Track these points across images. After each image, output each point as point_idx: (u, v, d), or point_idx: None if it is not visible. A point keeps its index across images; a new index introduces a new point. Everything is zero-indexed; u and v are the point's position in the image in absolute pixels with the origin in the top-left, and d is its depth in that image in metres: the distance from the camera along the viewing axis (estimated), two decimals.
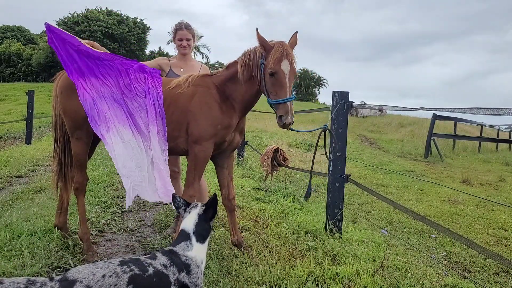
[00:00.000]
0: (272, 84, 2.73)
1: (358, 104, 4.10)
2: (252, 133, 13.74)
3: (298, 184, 6.96)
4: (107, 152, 2.86)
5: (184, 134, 3.00)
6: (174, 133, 2.99)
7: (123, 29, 41.45)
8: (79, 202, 3.21)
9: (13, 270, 2.70)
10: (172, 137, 3.00)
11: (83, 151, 3.14)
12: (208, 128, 2.92)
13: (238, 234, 3.32)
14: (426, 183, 8.02)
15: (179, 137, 3.01)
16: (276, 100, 2.70)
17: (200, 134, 2.92)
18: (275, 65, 2.68)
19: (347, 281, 2.81)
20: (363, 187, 3.74)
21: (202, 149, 2.94)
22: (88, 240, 3.17)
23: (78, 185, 3.20)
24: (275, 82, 2.72)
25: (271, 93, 2.75)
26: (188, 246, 1.91)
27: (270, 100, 2.77)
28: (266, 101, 2.85)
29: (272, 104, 2.75)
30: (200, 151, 2.94)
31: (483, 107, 2.67)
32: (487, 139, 15.50)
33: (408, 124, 21.45)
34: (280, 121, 2.70)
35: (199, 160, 2.96)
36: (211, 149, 2.99)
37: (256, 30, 2.80)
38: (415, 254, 3.93)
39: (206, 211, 2.04)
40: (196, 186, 3.03)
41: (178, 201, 2.10)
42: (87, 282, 1.53)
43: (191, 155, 2.99)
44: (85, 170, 3.22)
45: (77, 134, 3.08)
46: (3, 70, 42.40)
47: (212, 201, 2.05)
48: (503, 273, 3.80)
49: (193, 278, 1.83)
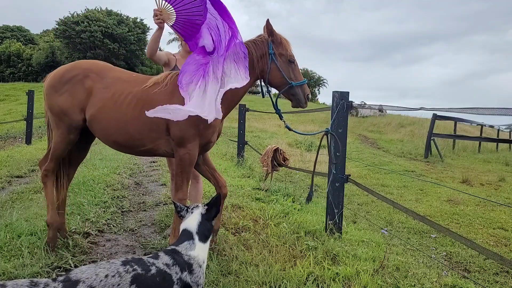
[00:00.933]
0: (292, 70, 2.98)
1: (358, 104, 4.10)
2: (252, 133, 13.75)
3: (298, 184, 6.97)
4: (107, 152, 2.86)
5: (164, 136, 2.92)
6: (152, 134, 2.91)
7: (123, 29, 41.46)
8: (48, 189, 3.18)
9: (13, 270, 2.70)
10: (151, 138, 2.93)
11: (64, 147, 3.14)
12: (189, 129, 2.83)
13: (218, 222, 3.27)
14: (426, 183, 8.02)
15: (159, 139, 2.93)
16: (301, 82, 2.98)
17: (183, 135, 2.84)
18: (292, 53, 2.98)
19: (347, 281, 2.81)
20: (363, 187, 3.74)
21: (186, 151, 2.87)
22: (55, 228, 3.14)
23: (47, 172, 3.18)
24: (294, 68, 2.99)
25: (291, 78, 2.97)
26: (191, 245, 1.92)
27: (295, 83, 2.96)
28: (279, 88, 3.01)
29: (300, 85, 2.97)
30: (185, 153, 2.88)
31: (483, 107, 2.67)
32: (487, 139, 15.49)
33: (408, 124, 21.46)
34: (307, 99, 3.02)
35: (185, 163, 2.90)
36: (196, 150, 2.93)
37: (267, 21, 2.93)
38: (415, 254, 3.93)
39: (209, 210, 2.06)
40: (185, 189, 3.00)
41: (178, 205, 2.13)
42: (90, 282, 1.54)
43: (177, 159, 2.92)
44: (59, 161, 3.22)
45: (61, 131, 3.09)
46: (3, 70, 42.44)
47: (215, 200, 2.07)
48: (503, 273, 3.81)
49: (195, 277, 1.84)
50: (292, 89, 2.97)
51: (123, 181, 5.94)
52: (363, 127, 21.30)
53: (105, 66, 3.17)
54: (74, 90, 3.02)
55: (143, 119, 2.86)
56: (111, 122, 2.93)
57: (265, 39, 2.97)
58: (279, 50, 2.94)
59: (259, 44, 2.96)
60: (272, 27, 2.93)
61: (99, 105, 2.96)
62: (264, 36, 3.00)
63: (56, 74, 3.12)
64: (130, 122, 2.90)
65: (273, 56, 2.93)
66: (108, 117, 2.93)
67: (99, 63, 3.19)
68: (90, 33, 39.78)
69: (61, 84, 3.05)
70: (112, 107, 2.93)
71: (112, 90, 2.97)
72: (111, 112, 2.92)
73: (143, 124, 2.89)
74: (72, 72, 3.06)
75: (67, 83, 3.03)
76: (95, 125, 3.00)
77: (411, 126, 20.42)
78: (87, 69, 3.06)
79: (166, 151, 2.99)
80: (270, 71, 2.95)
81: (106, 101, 2.95)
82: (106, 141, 3.06)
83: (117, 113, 2.91)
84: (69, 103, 3.01)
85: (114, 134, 2.96)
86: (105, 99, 2.95)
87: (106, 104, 2.94)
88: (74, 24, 39.94)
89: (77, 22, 40.11)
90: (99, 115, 2.96)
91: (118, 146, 3.08)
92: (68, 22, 40.13)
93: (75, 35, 39.91)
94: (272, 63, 2.94)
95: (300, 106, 3.03)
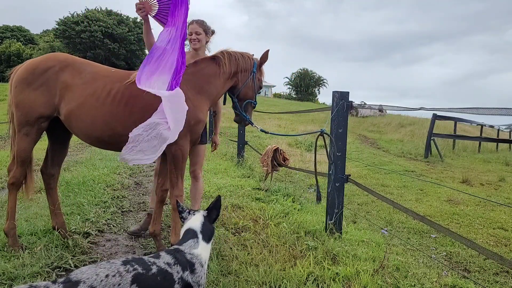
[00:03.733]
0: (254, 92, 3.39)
1: (358, 104, 4.09)
2: (252, 133, 13.73)
3: (298, 184, 6.97)
4: (107, 152, 2.86)
5: None
6: None
7: (123, 29, 41.48)
8: (11, 197, 3.06)
9: (13, 270, 2.70)
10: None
11: (29, 148, 3.03)
12: None
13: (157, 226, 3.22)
14: (426, 183, 8.02)
15: None
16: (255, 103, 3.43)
17: None
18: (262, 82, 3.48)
19: (347, 281, 2.81)
20: (363, 187, 3.74)
21: (178, 148, 2.91)
22: (14, 235, 3.08)
23: (15, 179, 3.05)
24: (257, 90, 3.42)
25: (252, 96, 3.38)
26: (195, 244, 1.93)
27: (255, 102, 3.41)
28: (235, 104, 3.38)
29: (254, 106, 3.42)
30: (176, 150, 2.91)
31: (483, 107, 2.67)
32: (487, 139, 15.49)
33: (408, 124, 21.46)
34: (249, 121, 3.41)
35: (177, 159, 2.94)
36: (187, 146, 2.99)
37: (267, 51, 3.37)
38: (415, 254, 3.93)
39: (210, 213, 2.09)
40: (180, 186, 3.01)
41: (181, 205, 2.15)
42: (91, 282, 1.53)
43: (169, 156, 2.95)
44: (25, 166, 3.08)
45: (26, 130, 2.96)
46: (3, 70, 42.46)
47: (215, 203, 2.10)
48: (503, 273, 3.81)
49: (197, 277, 1.84)
50: (250, 107, 3.40)
51: (123, 181, 5.94)
52: (363, 127, 21.31)
53: (82, 60, 3.09)
54: (49, 83, 2.88)
55: (129, 115, 2.84)
56: (95, 119, 2.85)
57: (253, 59, 3.33)
58: (258, 73, 3.39)
59: (247, 59, 3.28)
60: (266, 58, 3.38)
61: (79, 101, 2.85)
62: (252, 56, 3.35)
63: (29, 65, 2.94)
64: (115, 118, 2.85)
65: (254, 75, 3.31)
66: (91, 114, 2.84)
67: (75, 57, 3.10)
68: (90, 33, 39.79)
69: (34, 76, 2.87)
70: (95, 103, 2.85)
71: (93, 85, 2.88)
72: (94, 109, 2.84)
73: (129, 120, 2.83)
74: (48, 64, 2.91)
75: (42, 75, 2.87)
76: (75, 122, 2.89)
77: (411, 126, 20.42)
78: (64, 62, 2.94)
79: None
80: (246, 85, 3.30)
81: (88, 97, 2.85)
82: (87, 138, 2.96)
83: (101, 109, 2.84)
84: (42, 98, 2.87)
85: (97, 131, 2.88)
86: (86, 95, 2.85)
87: (88, 101, 2.85)
88: (74, 24, 39.97)
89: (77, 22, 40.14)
90: (79, 112, 2.85)
91: (101, 143, 3.01)
92: (68, 22, 40.15)
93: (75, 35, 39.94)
94: (251, 80, 3.31)
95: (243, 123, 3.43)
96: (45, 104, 2.89)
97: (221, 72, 3.13)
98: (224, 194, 5.16)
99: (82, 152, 8.61)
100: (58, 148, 3.36)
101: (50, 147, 3.35)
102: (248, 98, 3.33)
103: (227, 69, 3.14)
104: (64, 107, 2.88)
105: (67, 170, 6.35)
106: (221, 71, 3.12)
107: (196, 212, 2.11)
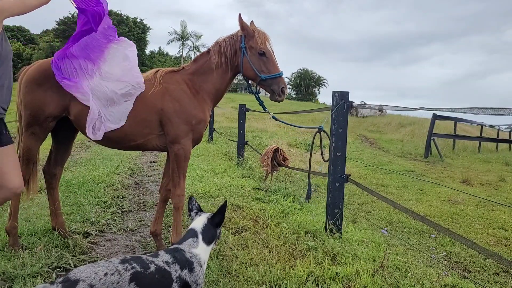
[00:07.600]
0: (263, 63, 2.97)
1: (358, 104, 4.10)
2: (252, 133, 13.74)
3: (298, 184, 6.97)
4: (107, 152, 2.86)
5: (156, 131, 2.98)
6: (145, 130, 2.95)
7: (123, 29, 41.50)
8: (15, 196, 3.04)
9: (13, 270, 2.70)
10: (143, 134, 2.96)
11: (35, 147, 3.05)
12: (184, 126, 2.93)
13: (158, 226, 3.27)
14: (426, 183, 8.02)
15: (150, 134, 2.98)
16: (273, 74, 2.94)
17: (177, 133, 2.94)
18: (265, 45, 2.95)
19: (347, 281, 2.81)
20: (363, 187, 3.74)
21: (181, 147, 2.95)
22: (15, 234, 3.09)
23: None
24: (266, 60, 2.96)
25: (262, 71, 2.96)
26: (194, 243, 1.94)
27: (265, 76, 2.94)
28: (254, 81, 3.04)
29: (269, 78, 2.94)
30: (179, 149, 2.95)
31: (483, 107, 2.67)
32: (487, 139, 15.50)
33: (408, 124, 21.46)
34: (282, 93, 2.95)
35: (180, 158, 2.97)
36: (190, 145, 3.02)
37: (239, 16, 3.00)
38: (415, 254, 3.93)
39: (214, 217, 2.08)
40: (182, 185, 3.04)
41: (193, 204, 2.14)
42: (90, 281, 1.54)
43: (172, 155, 2.99)
44: (30, 165, 3.10)
45: (33, 129, 2.99)
46: None
47: (220, 208, 2.08)
48: (503, 273, 3.81)
49: (195, 276, 1.84)
50: (265, 82, 2.97)
51: (123, 181, 5.94)
52: (363, 127, 21.32)
53: None
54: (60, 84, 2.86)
55: (137, 116, 2.88)
56: None
57: (239, 34, 3.03)
58: (249, 44, 2.98)
59: (234, 39, 3.03)
60: (243, 21, 2.98)
61: None
62: (239, 31, 3.05)
63: (40, 66, 2.98)
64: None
65: (244, 50, 2.98)
66: None
67: None
68: None
69: (45, 77, 2.90)
70: None
71: None
72: None
73: (137, 121, 2.90)
74: None
75: (53, 76, 2.84)
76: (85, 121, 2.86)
77: (411, 126, 20.42)
78: None
79: (157, 145, 3.04)
80: (243, 65, 3.01)
81: None
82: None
83: None
84: (52, 98, 2.89)
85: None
86: None
87: None
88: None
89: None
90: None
91: (108, 142, 3.04)
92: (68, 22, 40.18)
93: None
94: (244, 57, 2.99)
95: (274, 99, 3.01)
96: (55, 104, 2.92)
97: (213, 65, 3.04)
98: (224, 194, 5.16)
99: (82, 152, 8.61)
100: (62, 148, 3.38)
101: (54, 147, 3.37)
102: (251, 76, 3.04)
103: (218, 61, 3.02)
104: (76, 107, 2.91)
105: (67, 170, 6.35)
106: (211, 64, 3.05)
107: (202, 213, 2.11)
